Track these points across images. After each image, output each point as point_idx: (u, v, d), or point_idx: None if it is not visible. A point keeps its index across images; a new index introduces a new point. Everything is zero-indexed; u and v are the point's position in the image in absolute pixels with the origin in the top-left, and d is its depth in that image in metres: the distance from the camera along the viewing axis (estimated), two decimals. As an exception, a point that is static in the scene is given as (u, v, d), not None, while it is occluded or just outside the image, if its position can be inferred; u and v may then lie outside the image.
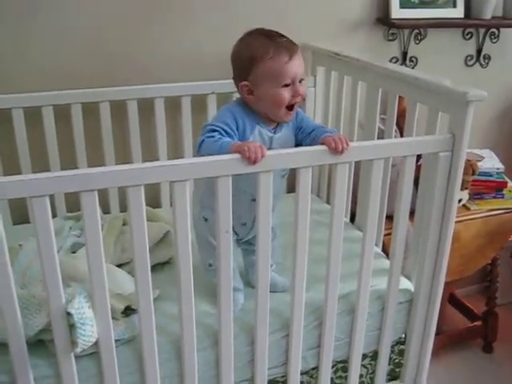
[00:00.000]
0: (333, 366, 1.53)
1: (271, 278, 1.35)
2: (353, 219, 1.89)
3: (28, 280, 1.41)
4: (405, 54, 2.17)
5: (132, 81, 1.82)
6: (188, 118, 1.89)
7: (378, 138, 1.72)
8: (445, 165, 1.37)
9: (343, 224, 1.35)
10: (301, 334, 1.41)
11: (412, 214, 1.47)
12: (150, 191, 1.57)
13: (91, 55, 1.80)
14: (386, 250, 1.66)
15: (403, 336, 1.59)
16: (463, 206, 2.06)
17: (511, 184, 2.15)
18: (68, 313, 1.16)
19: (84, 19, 1.76)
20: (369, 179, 1.34)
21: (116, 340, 1.26)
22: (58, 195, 1.80)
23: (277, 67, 1.28)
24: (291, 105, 1.33)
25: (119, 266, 1.53)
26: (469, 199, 2.09)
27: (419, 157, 1.42)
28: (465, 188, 2.02)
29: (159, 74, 1.86)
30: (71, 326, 1.17)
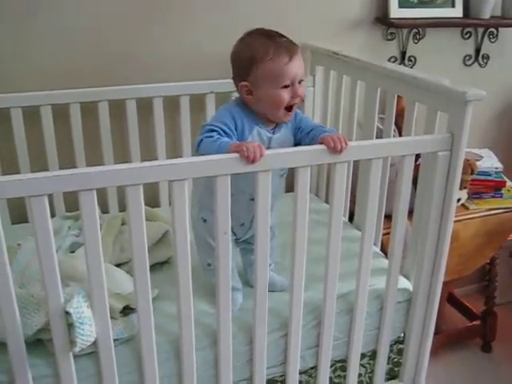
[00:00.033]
0: (331, 366, 1.53)
1: (270, 278, 1.35)
2: (351, 218, 1.88)
3: (27, 279, 1.40)
4: (403, 54, 2.17)
5: (132, 81, 1.82)
6: (187, 118, 1.89)
7: (377, 138, 1.72)
8: (443, 164, 1.37)
9: (342, 223, 1.35)
10: (299, 334, 1.41)
11: (411, 214, 1.47)
12: (149, 190, 1.58)
13: (91, 55, 1.80)
14: (385, 250, 1.66)
15: (402, 335, 1.59)
16: (462, 206, 2.06)
17: (510, 183, 2.15)
18: (67, 312, 1.16)
19: (84, 19, 1.76)
20: (367, 178, 1.34)
21: (115, 339, 1.26)
22: (57, 195, 1.80)
23: (277, 68, 1.28)
24: (290, 106, 1.32)
25: (118, 266, 1.53)
26: (467, 199, 2.09)
27: (418, 156, 1.42)
28: (463, 187, 2.02)
29: (159, 74, 1.86)
30: (70, 326, 1.17)
